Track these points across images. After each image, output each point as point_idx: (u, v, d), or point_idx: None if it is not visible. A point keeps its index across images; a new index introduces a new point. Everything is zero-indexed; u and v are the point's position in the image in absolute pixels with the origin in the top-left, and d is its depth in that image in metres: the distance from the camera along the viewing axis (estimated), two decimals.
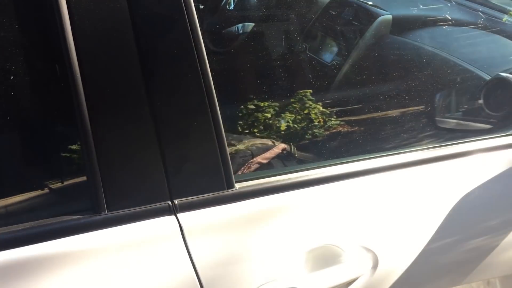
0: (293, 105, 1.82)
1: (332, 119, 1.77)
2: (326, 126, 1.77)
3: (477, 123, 1.87)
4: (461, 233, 1.41)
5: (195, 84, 1.07)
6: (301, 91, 1.84)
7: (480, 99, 1.89)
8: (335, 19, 2.28)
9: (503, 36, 2.11)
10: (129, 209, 1.06)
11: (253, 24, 2.25)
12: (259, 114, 1.75)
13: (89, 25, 1.00)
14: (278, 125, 1.75)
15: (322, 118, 1.77)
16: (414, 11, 2.26)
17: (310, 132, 1.70)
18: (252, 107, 1.72)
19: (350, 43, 2.25)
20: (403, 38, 2.22)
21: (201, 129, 1.10)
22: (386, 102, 1.96)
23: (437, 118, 1.87)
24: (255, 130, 1.73)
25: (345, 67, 2.15)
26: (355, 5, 2.30)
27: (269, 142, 1.72)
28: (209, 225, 1.12)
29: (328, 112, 1.77)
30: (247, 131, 1.72)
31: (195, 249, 1.09)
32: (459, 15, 2.29)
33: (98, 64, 1.01)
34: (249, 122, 1.73)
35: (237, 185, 1.17)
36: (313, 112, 1.82)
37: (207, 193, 1.13)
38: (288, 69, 2.06)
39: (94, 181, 1.02)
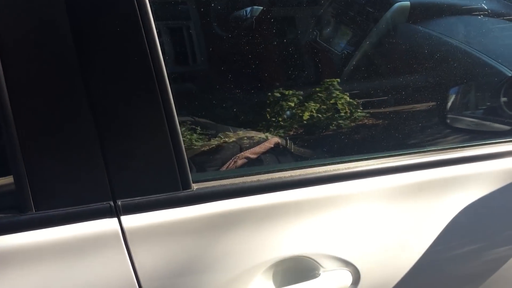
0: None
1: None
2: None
3: (495, 124, 1.64)
4: (460, 247, 1.20)
5: (142, 67, 0.91)
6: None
7: (500, 98, 1.65)
8: (348, 5, 2.08)
9: None
10: (61, 209, 0.90)
11: (262, 7, 2.05)
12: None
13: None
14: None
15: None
16: None
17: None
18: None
19: (364, 31, 2.04)
20: (421, 27, 1.99)
21: (150, 120, 0.93)
22: (394, 97, 1.75)
23: (451, 116, 1.65)
24: (248, 121, 1.55)
25: (355, 58, 1.95)
26: None
27: (261, 135, 1.53)
28: (157, 230, 0.96)
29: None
30: (241, 121, 1.53)
31: (139, 257, 0.93)
32: (485, 4, 2.05)
33: (22, 49, 0.85)
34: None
35: (195, 186, 1.00)
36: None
37: (157, 193, 0.96)
38: (295, 57, 1.86)
39: (18, 175, 0.87)
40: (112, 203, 0.93)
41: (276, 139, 1.53)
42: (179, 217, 0.97)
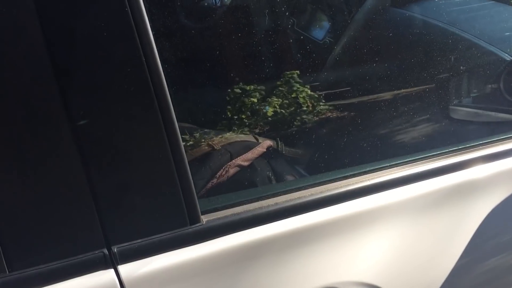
0: (280, 88, 1.42)
1: (324, 109, 1.39)
2: (322, 116, 1.39)
3: (495, 113, 1.50)
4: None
5: (135, 74, 0.68)
6: (288, 73, 1.45)
7: (499, 84, 1.51)
8: None
9: None
10: (42, 266, 0.67)
11: None
12: (246, 99, 1.35)
13: None
14: (264, 112, 1.36)
15: (311, 104, 1.39)
16: None
17: (300, 124, 1.31)
18: (237, 91, 1.32)
19: (344, 17, 1.86)
20: (406, 11, 1.83)
21: (149, 143, 0.71)
22: (382, 88, 1.58)
23: (449, 107, 1.50)
24: (239, 121, 1.34)
25: (338, 45, 1.77)
26: None
27: (251, 138, 1.33)
28: (164, 278, 0.75)
29: (320, 101, 1.39)
30: (226, 123, 1.33)
31: None
32: None
33: None
34: (232, 111, 1.34)
35: (205, 218, 0.79)
36: (301, 96, 1.43)
37: (160, 233, 0.75)
38: (272, 47, 1.66)
39: None
40: (106, 250, 0.72)
41: (268, 142, 1.34)
42: (189, 258, 0.77)
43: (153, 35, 0.68)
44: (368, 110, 1.40)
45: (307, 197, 0.89)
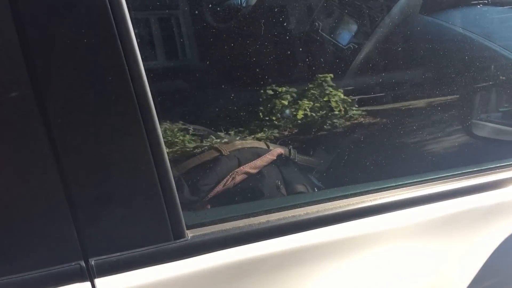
0: (312, 91, 1.37)
1: (356, 114, 1.33)
2: (353, 121, 1.33)
3: None
4: None
5: (117, 82, 0.65)
6: (321, 76, 1.39)
7: None
8: None
9: None
10: (14, 276, 0.65)
11: None
12: (277, 101, 1.31)
13: None
14: (290, 114, 1.31)
15: (343, 108, 1.33)
16: None
17: (330, 128, 1.26)
18: (270, 92, 1.28)
19: (372, 23, 1.80)
20: (435, 19, 1.75)
21: (131, 154, 0.68)
22: (405, 98, 1.51)
23: (471, 123, 1.41)
24: (251, 126, 1.31)
25: (363, 51, 1.70)
26: None
27: (262, 145, 1.29)
28: None
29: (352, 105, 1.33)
30: (239, 127, 1.29)
31: None
32: None
33: None
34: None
35: (190, 233, 0.76)
36: (334, 100, 1.38)
37: (141, 246, 0.72)
38: (296, 51, 1.61)
39: None
40: (83, 263, 0.69)
41: (279, 150, 1.29)
42: (171, 276, 0.74)
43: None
44: (392, 121, 1.33)
45: (301, 216, 0.84)
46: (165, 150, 0.71)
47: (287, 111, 1.29)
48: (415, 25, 1.68)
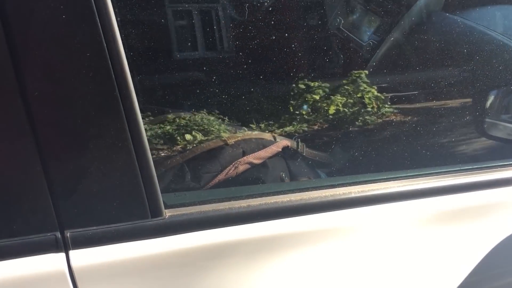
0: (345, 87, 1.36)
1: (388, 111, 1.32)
2: (385, 118, 1.32)
3: None
4: None
5: (95, 59, 0.67)
6: (356, 72, 1.38)
7: None
8: None
9: None
10: None
11: None
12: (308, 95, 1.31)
13: None
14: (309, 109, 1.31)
15: (377, 105, 1.32)
16: None
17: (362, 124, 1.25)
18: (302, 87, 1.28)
19: (394, 19, 1.77)
20: (458, 17, 1.71)
21: (108, 130, 0.69)
22: (424, 98, 1.48)
23: (488, 123, 1.37)
24: (254, 119, 1.30)
25: (383, 49, 1.68)
26: None
27: (269, 137, 1.29)
28: (117, 269, 0.73)
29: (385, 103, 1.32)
30: (245, 119, 1.29)
31: None
32: None
33: None
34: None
35: (168, 213, 0.77)
36: (367, 97, 1.37)
37: (118, 222, 0.73)
38: (316, 47, 1.60)
39: None
40: (58, 234, 0.71)
41: (285, 142, 1.28)
42: (146, 253, 0.75)
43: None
44: (416, 118, 1.32)
45: (283, 203, 0.83)
46: (143, 127, 0.72)
47: (313, 106, 1.28)
48: (446, 23, 1.65)
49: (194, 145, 1.15)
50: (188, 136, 1.11)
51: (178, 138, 1.12)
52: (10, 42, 0.64)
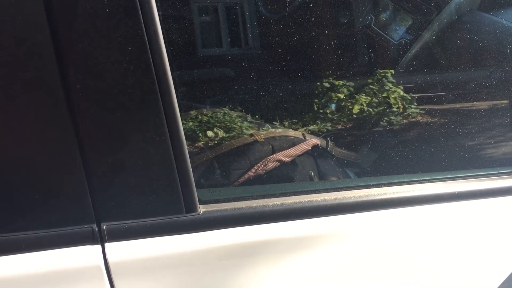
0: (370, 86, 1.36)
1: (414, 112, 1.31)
2: (411, 119, 1.31)
3: None
4: None
5: (137, 53, 0.67)
6: (381, 71, 1.37)
7: None
8: None
9: None
10: (30, 232, 0.69)
11: None
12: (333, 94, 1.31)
13: None
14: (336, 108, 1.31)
15: (402, 105, 1.31)
16: None
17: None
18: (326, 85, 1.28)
19: (426, 18, 1.74)
20: (494, 16, 1.68)
21: (146, 125, 0.70)
22: (460, 97, 1.46)
23: None
24: (285, 117, 1.30)
25: (415, 48, 1.66)
26: None
27: (299, 135, 1.28)
28: (152, 263, 0.74)
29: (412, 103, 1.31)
30: (275, 117, 1.29)
31: None
32: None
33: None
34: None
35: (203, 208, 0.77)
36: (393, 97, 1.36)
37: (153, 216, 0.74)
38: (345, 45, 1.59)
39: None
40: (95, 226, 0.72)
41: (315, 141, 1.28)
42: (180, 248, 0.75)
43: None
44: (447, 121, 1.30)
45: (318, 202, 0.83)
46: (181, 124, 0.73)
47: (339, 105, 1.28)
48: (477, 22, 1.63)
49: (226, 141, 1.15)
50: (219, 133, 1.12)
51: (210, 134, 1.12)
52: (54, 35, 0.65)
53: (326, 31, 1.32)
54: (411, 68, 1.54)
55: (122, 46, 0.68)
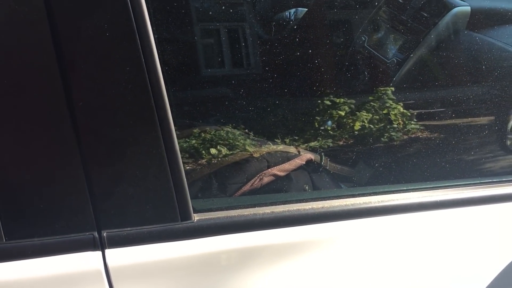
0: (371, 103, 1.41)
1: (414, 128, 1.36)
2: (411, 134, 1.37)
3: None
4: None
5: (134, 76, 0.74)
6: (382, 89, 1.42)
7: None
8: (402, 9, 1.85)
9: None
10: (36, 239, 0.75)
11: (306, 10, 1.86)
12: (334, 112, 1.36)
13: None
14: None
15: (402, 121, 1.37)
16: (499, 4, 1.78)
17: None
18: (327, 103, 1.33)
19: (417, 37, 1.81)
20: (482, 35, 1.75)
21: (143, 139, 0.76)
22: (449, 113, 1.52)
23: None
24: (279, 133, 1.36)
25: (407, 66, 1.73)
26: None
27: (293, 150, 1.34)
28: (149, 268, 0.79)
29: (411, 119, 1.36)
30: (271, 133, 1.35)
31: None
32: None
33: None
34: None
35: (197, 216, 0.83)
36: (393, 113, 1.41)
37: (150, 224, 0.80)
38: (341, 64, 1.66)
39: None
40: (96, 234, 0.78)
41: (308, 156, 1.34)
42: (175, 254, 0.81)
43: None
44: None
45: (306, 210, 0.89)
46: (175, 136, 0.79)
47: (335, 122, 1.33)
48: (468, 41, 1.69)
49: (222, 157, 1.21)
50: (213, 151, 1.18)
51: (205, 150, 1.18)
52: (59, 57, 0.72)
53: (324, 52, 1.38)
54: (402, 86, 1.61)
55: (121, 66, 0.75)
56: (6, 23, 0.70)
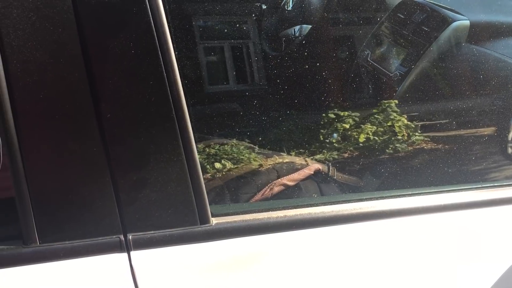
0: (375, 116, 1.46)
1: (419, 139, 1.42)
2: (416, 146, 1.43)
3: None
4: None
5: (157, 90, 0.81)
6: (386, 101, 1.48)
7: None
8: (403, 24, 1.92)
9: None
10: (67, 242, 0.82)
11: (311, 26, 1.94)
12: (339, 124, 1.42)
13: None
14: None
15: (407, 133, 1.43)
16: (497, 17, 1.85)
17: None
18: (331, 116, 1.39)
19: (419, 50, 1.88)
20: (482, 48, 1.81)
21: (165, 148, 0.84)
22: (451, 123, 1.58)
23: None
24: (289, 145, 1.42)
25: (409, 79, 1.79)
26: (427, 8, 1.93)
27: (302, 161, 1.41)
28: (171, 269, 0.86)
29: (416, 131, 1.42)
30: (281, 144, 1.42)
31: None
32: None
33: (30, 65, 0.78)
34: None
35: (215, 220, 0.89)
36: (397, 125, 1.47)
37: (172, 228, 0.86)
38: (345, 78, 1.73)
39: (22, 204, 0.79)
40: (122, 237, 0.84)
41: (317, 166, 1.40)
42: (195, 255, 0.87)
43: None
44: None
45: (316, 214, 0.95)
46: (194, 145, 0.86)
47: (340, 134, 1.40)
48: (468, 54, 1.75)
49: (235, 168, 1.28)
50: (228, 164, 1.25)
51: (221, 162, 1.25)
52: (89, 73, 0.80)
53: (328, 67, 1.46)
54: (405, 98, 1.67)
55: (144, 81, 0.82)
56: (45, 44, 0.78)
